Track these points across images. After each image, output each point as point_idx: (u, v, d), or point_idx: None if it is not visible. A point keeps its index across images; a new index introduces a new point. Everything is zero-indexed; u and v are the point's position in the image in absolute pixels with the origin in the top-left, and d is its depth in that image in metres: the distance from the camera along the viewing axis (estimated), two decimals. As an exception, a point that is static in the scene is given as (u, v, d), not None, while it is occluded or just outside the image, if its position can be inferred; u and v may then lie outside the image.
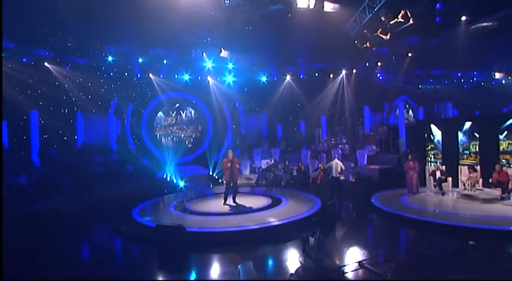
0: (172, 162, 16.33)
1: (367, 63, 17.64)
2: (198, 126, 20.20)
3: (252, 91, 20.10)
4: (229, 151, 9.81)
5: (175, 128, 19.92)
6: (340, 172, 10.89)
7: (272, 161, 16.23)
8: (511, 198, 9.04)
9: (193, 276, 5.60)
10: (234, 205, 9.56)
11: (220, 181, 14.82)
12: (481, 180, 10.02)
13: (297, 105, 20.74)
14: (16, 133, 13.41)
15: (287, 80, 19.94)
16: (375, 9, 8.59)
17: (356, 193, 11.10)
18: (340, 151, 15.75)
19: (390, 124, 18.34)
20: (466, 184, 9.77)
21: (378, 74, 20.12)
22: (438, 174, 10.62)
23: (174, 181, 14.91)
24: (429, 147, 13.32)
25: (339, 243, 6.75)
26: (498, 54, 16.68)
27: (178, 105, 19.64)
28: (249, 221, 7.90)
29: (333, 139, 18.27)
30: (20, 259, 6.01)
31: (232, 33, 10.91)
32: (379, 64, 17.36)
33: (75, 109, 15.89)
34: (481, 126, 11.07)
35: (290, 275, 5.09)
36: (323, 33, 11.39)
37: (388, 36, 9.37)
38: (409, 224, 7.98)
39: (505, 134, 10.32)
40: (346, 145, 16.53)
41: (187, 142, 19.98)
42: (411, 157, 10.91)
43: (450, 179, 10.69)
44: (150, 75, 17.97)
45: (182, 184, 14.32)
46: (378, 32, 9.26)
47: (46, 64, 14.70)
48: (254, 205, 9.50)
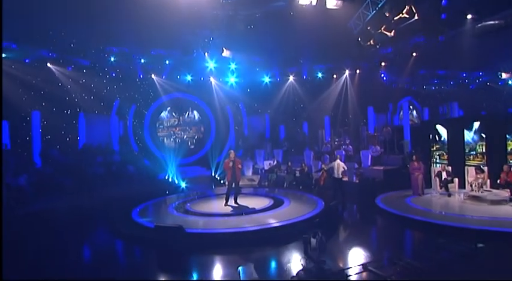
0: (174, 163, 16.24)
1: (370, 63, 17.42)
2: (201, 127, 20.12)
3: (255, 92, 20.00)
4: (230, 151, 9.69)
5: (177, 129, 19.86)
6: (343, 173, 10.71)
7: (275, 162, 16.07)
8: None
9: (191, 278, 5.45)
10: (236, 206, 9.43)
11: (222, 182, 14.70)
12: (489, 181, 9.78)
13: (300, 106, 20.58)
14: (18, 133, 13.40)
15: (290, 81, 19.80)
16: (379, 5, 8.42)
17: (360, 194, 10.90)
18: (343, 152, 15.56)
19: (394, 125, 18.09)
20: (473, 185, 9.53)
21: (382, 75, 19.90)
22: (444, 175, 10.39)
23: (176, 182, 14.81)
24: (434, 148, 13.09)
25: (342, 245, 6.58)
26: (505, 53, 16.36)
27: (180, 106, 19.58)
28: (250, 222, 7.74)
29: (337, 140, 18.07)
30: (16, 259, 5.91)
31: (233, 32, 10.80)
32: (383, 64, 17.13)
33: (77, 110, 15.89)
34: (488, 126, 10.83)
35: (291, 277, 4.93)
36: (326, 31, 11.23)
37: (393, 33, 9.19)
38: (415, 226, 7.78)
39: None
40: (349, 146, 16.32)
41: (189, 143, 19.90)
42: (416, 158, 10.69)
43: (456, 180, 10.45)
44: (153, 76, 17.95)
45: (184, 185, 14.23)
46: (382, 29, 9.08)
47: (48, 65, 14.71)
48: (256, 206, 9.35)
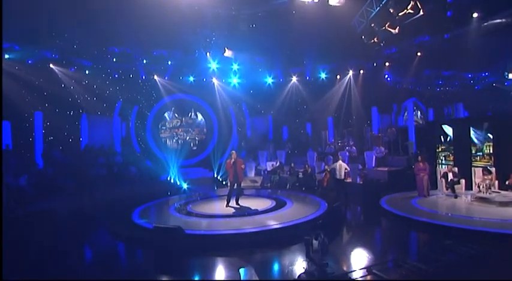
0: (176, 164, 16.15)
1: (374, 63, 17.24)
2: (203, 128, 20.04)
3: (258, 93, 19.90)
4: (232, 152, 9.58)
5: (180, 130, 19.79)
6: (346, 174, 10.52)
7: (277, 163, 15.94)
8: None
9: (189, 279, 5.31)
10: (237, 207, 9.29)
11: (224, 183, 14.57)
12: (497, 182, 9.53)
13: (303, 106, 20.43)
14: (20, 134, 13.39)
15: (293, 82, 19.67)
16: (383, 1, 8.24)
17: (364, 196, 10.71)
18: (347, 153, 15.38)
19: (399, 126, 17.87)
20: (481, 186, 9.29)
21: (386, 75, 19.69)
22: (450, 176, 10.16)
23: (178, 183, 14.71)
24: (440, 148, 12.86)
25: (345, 247, 6.40)
26: (512, 53, 16.09)
27: (183, 107, 19.52)
28: (251, 223, 7.60)
29: (340, 141, 17.89)
30: (13, 259, 5.82)
31: (235, 31, 10.69)
32: (387, 64, 16.95)
33: (80, 111, 15.88)
34: (496, 126, 10.59)
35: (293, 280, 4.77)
36: (329, 31, 11.08)
37: (397, 29, 9.01)
38: (420, 227, 7.58)
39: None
40: (353, 147, 16.13)
41: (192, 144, 19.81)
42: (421, 158, 10.47)
43: (463, 181, 10.22)
44: (155, 77, 17.92)
45: (186, 186, 14.12)
46: (386, 26, 8.89)
47: (51, 66, 14.72)
48: (258, 207, 9.21)
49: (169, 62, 17.05)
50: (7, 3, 10.38)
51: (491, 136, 10.69)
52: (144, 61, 16.63)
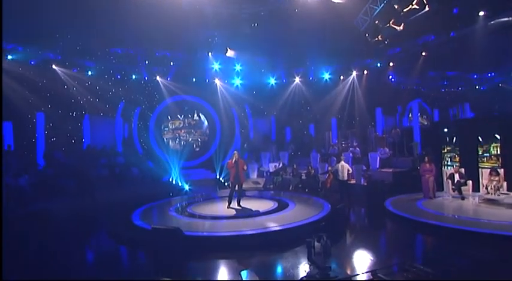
0: (178, 165, 16.05)
1: (378, 64, 17.04)
2: (206, 129, 19.96)
3: (261, 94, 19.82)
4: (235, 152, 9.46)
5: (182, 132, 19.73)
6: (349, 175, 10.34)
7: (280, 164, 15.78)
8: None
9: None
10: (239, 209, 9.14)
11: (226, 185, 14.44)
12: (506, 184, 9.29)
13: (307, 108, 20.28)
14: (22, 135, 13.39)
15: (296, 82, 19.53)
16: (388, -3, 8.09)
17: (368, 197, 10.50)
18: (351, 154, 15.18)
19: (403, 127, 17.63)
20: (489, 187, 9.06)
21: (390, 76, 19.47)
22: (457, 177, 9.94)
23: (180, 185, 14.60)
24: (445, 150, 12.62)
25: (349, 250, 6.22)
26: (519, 52, 15.79)
27: (186, 108, 19.47)
28: (252, 225, 7.44)
29: (344, 142, 17.69)
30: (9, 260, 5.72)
31: (237, 31, 10.60)
32: (391, 64, 16.75)
33: (83, 112, 15.87)
34: (503, 127, 10.35)
35: (294, 284, 4.61)
36: (332, 29, 10.94)
37: (402, 26, 8.83)
38: (426, 230, 7.37)
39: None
40: (357, 148, 15.92)
41: (194, 146, 19.74)
42: (428, 159, 10.24)
43: (470, 182, 9.98)
44: (158, 78, 17.90)
45: (187, 188, 14.01)
46: (391, 23, 8.71)
47: (54, 66, 14.73)
48: (259, 209, 9.05)
49: (171, 63, 17.03)
50: (11, 4, 10.44)
51: (498, 137, 10.46)
52: (147, 62, 16.62)
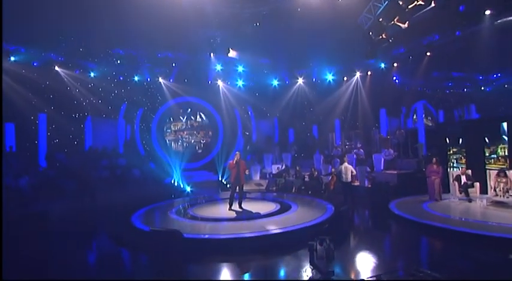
0: (180, 167, 15.95)
1: (382, 64, 16.84)
2: (209, 131, 19.87)
3: (263, 95, 19.72)
4: (237, 153, 9.33)
5: (185, 133, 19.66)
6: (353, 177, 10.15)
7: (283, 166, 15.61)
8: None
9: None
10: (240, 211, 8.99)
11: (228, 186, 14.30)
12: (514, 186, 9.03)
13: (310, 109, 20.11)
14: (24, 136, 13.38)
15: (299, 83, 19.40)
16: (392, -6, 7.92)
17: (372, 199, 10.31)
18: (354, 156, 14.98)
19: (408, 128, 17.39)
20: (497, 189, 8.82)
21: (394, 77, 19.26)
22: (463, 179, 9.71)
23: (182, 186, 14.49)
24: (451, 151, 12.39)
25: (352, 253, 6.03)
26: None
27: (188, 110, 19.40)
28: (252, 228, 7.29)
29: (347, 143, 17.49)
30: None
31: (239, 31, 10.48)
32: (395, 65, 16.55)
33: (85, 114, 15.86)
34: (511, 127, 10.10)
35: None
36: (335, 29, 10.78)
37: (406, 24, 8.65)
38: (433, 233, 7.16)
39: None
40: (361, 150, 15.70)
41: (197, 147, 19.65)
42: (436, 160, 10.00)
43: (478, 184, 9.74)
44: (160, 79, 17.87)
45: (189, 189, 13.90)
46: (395, 20, 8.54)
47: (56, 68, 14.74)
48: (261, 211, 8.90)
49: (173, 64, 16.98)
50: (14, 6, 10.44)
51: (506, 138, 10.21)
52: (149, 63, 16.59)
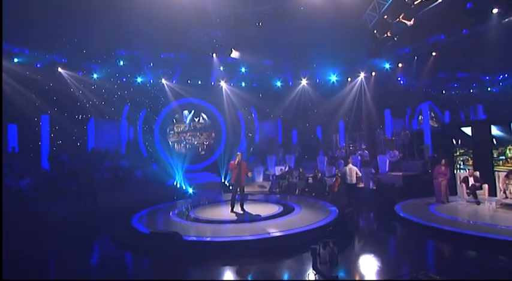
0: (183, 169, 15.84)
1: (387, 64, 16.63)
2: (212, 133, 19.77)
3: (267, 96, 19.60)
4: (238, 153, 9.19)
5: (188, 135, 19.59)
6: (358, 178, 9.95)
7: (287, 168, 15.44)
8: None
9: None
10: (242, 213, 8.84)
11: (231, 188, 14.16)
12: (524, 188, 8.79)
13: (313, 110, 19.94)
14: (27, 137, 13.37)
15: (302, 85, 19.25)
16: (397, -10, 7.74)
17: (377, 201, 10.09)
18: (359, 157, 14.77)
19: (413, 129, 17.13)
20: (508, 191, 8.57)
21: (399, 78, 19.03)
22: (471, 181, 9.46)
23: (184, 188, 14.38)
24: (458, 152, 12.13)
25: (357, 257, 5.84)
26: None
27: (192, 111, 19.33)
28: (253, 230, 7.14)
29: (352, 145, 17.26)
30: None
31: (242, 31, 10.36)
32: (400, 65, 16.33)
33: (88, 115, 15.84)
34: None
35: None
36: (338, 29, 10.62)
37: (412, 21, 8.45)
38: (440, 236, 6.94)
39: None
40: (365, 151, 15.50)
41: (200, 149, 19.55)
42: (444, 162, 9.75)
43: (486, 186, 9.50)
44: (163, 80, 17.83)
45: (192, 191, 13.78)
46: (401, 17, 8.35)
47: (59, 69, 14.75)
48: (263, 213, 8.73)
49: (176, 65, 16.93)
50: (17, 7, 10.45)
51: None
52: (151, 64, 16.56)
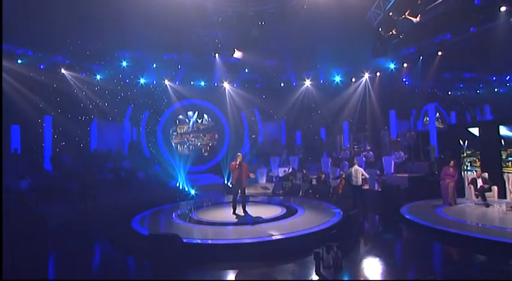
0: (185, 170, 15.74)
1: (392, 64, 16.41)
2: (215, 134, 19.67)
3: (270, 97, 19.47)
4: (239, 154, 9.04)
5: (191, 136, 19.52)
6: (363, 180, 9.75)
7: (290, 169, 15.26)
8: None
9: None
10: (244, 215, 8.68)
11: (230, 186, 14.03)
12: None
13: (317, 111, 19.76)
14: (29, 138, 13.36)
15: (306, 85, 19.09)
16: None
17: (383, 203, 9.87)
18: (363, 158, 14.55)
19: (418, 130, 16.88)
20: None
21: (404, 79, 18.79)
22: (480, 182, 9.21)
23: (186, 189, 14.27)
24: (465, 154, 11.88)
25: (362, 261, 5.65)
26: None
27: (195, 112, 19.25)
28: (254, 233, 6.97)
29: (356, 146, 17.04)
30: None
31: (244, 31, 10.23)
32: (405, 65, 16.10)
33: (91, 116, 15.83)
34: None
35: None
36: (342, 28, 10.46)
37: (418, 18, 8.25)
38: (447, 239, 6.72)
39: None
40: (370, 152, 15.27)
41: (203, 150, 19.46)
42: (453, 163, 9.49)
43: (495, 188, 9.24)
44: (166, 81, 17.79)
45: (194, 192, 13.66)
46: (406, 14, 8.16)
47: (63, 71, 14.76)
48: (266, 215, 8.56)
49: (179, 66, 16.89)
50: (20, 8, 10.45)
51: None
52: (154, 65, 16.54)
